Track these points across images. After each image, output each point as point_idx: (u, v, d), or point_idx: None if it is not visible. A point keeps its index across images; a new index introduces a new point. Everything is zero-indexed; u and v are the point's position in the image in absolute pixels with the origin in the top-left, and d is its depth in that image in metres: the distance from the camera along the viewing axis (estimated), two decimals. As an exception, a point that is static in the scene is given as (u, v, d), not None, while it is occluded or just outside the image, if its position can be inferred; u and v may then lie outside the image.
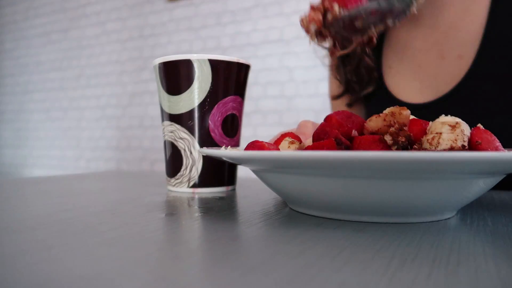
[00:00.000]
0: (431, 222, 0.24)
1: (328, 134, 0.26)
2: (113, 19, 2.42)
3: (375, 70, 0.57)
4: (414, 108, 0.53)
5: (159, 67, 0.37)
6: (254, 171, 0.27)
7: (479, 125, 0.26)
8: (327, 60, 0.64)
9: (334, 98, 0.63)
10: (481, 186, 0.23)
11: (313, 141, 0.28)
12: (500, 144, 0.25)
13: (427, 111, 0.51)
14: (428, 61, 0.54)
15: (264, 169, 0.25)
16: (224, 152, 0.25)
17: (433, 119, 0.33)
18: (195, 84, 0.36)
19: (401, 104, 0.54)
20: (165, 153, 0.39)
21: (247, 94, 1.89)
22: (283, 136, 0.31)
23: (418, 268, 0.15)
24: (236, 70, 0.38)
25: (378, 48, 0.59)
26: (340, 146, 0.25)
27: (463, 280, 0.14)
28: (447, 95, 0.50)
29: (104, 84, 2.44)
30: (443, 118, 0.27)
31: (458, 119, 0.26)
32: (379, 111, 0.58)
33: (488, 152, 0.18)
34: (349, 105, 0.63)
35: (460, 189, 0.22)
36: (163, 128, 0.39)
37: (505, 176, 0.24)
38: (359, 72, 0.57)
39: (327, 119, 0.29)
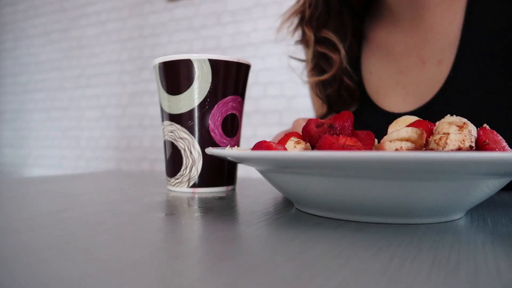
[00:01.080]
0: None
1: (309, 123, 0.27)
2: (113, 19, 2.42)
3: (356, 91, 0.55)
4: (397, 118, 0.52)
5: (159, 67, 0.37)
6: (259, 170, 0.27)
7: (485, 125, 0.26)
8: (305, 77, 0.62)
9: (321, 117, 0.61)
10: (490, 187, 0.23)
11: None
12: (506, 144, 0.25)
13: None
14: (410, 66, 0.53)
15: (270, 169, 0.25)
16: (232, 152, 0.24)
17: None
18: (195, 84, 0.36)
19: (385, 114, 0.53)
20: (165, 153, 0.39)
21: (247, 94, 1.89)
22: (287, 135, 0.31)
23: (418, 268, 0.15)
24: (236, 70, 0.37)
25: (356, 53, 0.57)
26: (321, 127, 0.26)
27: (463, 280, 0.14)
28: (430, 102, 0.49)
29: (104, 84, 2.44)
30: (449, 118, 0.26)
31: (464, 119, 0.26)
32: (364, 122, 0.57)
33: (497, 153, 0.18)
34: None
35: (467, 191, 0.22)
36: (163, 128, 0.39)
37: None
38: (341, 94, 0.56)
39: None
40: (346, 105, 0.56)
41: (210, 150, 0.28)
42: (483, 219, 0.25)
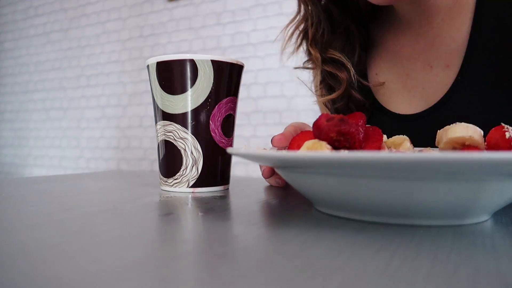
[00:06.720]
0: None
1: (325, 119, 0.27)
2: (113, 19, 2.41)
3: (365, 103, 0.56)
4: (404, 120, 0.51)
5: (161, 67, 0.37)
6: (281, 170, 0.26)
7: (502, 125, 0.26)
8: (313, 88, 0.62)
9: None
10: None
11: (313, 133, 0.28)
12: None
13: (417, 123, 0.50)
14: (416, 70, 0.53)
15: (290, 169, 0.25)
16: (268, 153, 0.22)
17: (423, 130, 0.33)
18: (198, 84, 0.36)
19: (391, 115, 0.54)
20: (161, 153, 0.39)
21: (247, 94, 1.89)
22: (302, 134, 0.31)
23: (418, 268, 0.15)
24: (236, 71, 0.38)
25: (365, 63, 0.58)
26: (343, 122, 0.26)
27: (463, 280, 0.14)
28: (436, 105, 0.49)
29: (104, 84, 2.44)
30: (455, 131, 0.27)
31: (472, 130, 0.26)
32: (370, 123, 0.58)
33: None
34: None
35: (483, 192, 0.21)
36: (158, 128, 0.38)
37: None
38: (350, 107, 0.56)
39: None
40: None
41: (231, 150, 0.25)
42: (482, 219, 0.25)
